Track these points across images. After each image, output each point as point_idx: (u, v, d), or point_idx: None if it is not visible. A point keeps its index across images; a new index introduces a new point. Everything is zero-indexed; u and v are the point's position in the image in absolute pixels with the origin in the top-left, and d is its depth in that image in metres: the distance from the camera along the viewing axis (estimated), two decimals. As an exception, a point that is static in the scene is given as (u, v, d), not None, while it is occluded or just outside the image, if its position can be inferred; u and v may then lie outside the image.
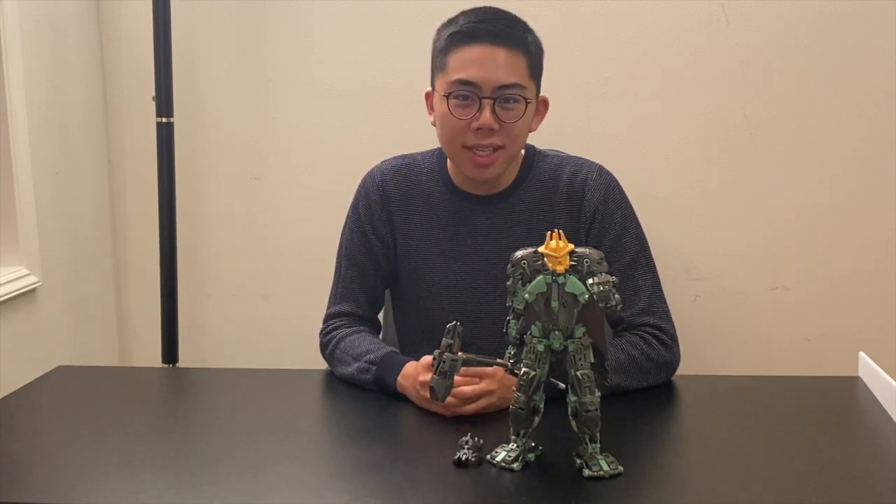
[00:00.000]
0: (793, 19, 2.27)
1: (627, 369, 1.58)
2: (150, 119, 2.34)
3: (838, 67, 2.28)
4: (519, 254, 1.26)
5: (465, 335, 1.33)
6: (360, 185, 1.82)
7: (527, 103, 1.63)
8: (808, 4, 2.26)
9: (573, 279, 1.22)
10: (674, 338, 1.67)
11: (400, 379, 1.56)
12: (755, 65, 2.30)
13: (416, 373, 1.53)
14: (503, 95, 1.61)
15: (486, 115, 1.60)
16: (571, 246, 1.23)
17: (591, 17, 2.33)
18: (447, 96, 1.63)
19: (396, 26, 2.39)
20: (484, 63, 1.61)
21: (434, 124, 1.69)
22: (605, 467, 1.24)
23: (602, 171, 1.74)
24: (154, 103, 2.31)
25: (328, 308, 1.80)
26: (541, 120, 1.73)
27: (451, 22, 1.67)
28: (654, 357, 1.62)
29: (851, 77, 2.28)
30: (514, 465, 1.27)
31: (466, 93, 1.61)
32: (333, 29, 2.42)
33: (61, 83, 2.37)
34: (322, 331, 1.77)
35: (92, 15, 2.48)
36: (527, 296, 1.24)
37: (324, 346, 1.75)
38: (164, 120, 2.31)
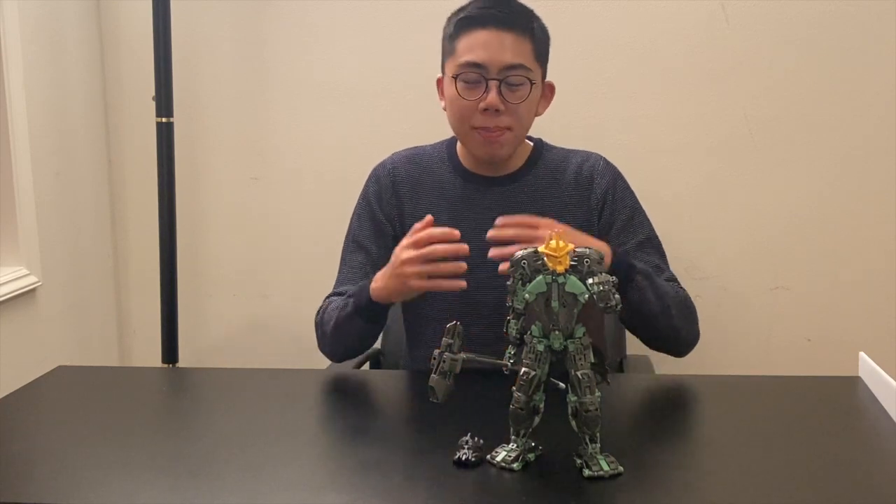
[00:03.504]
0: (793, 19, 2.27)
1: (667, 291, 1.67)
2: (150, 119, 2.34)
3: (838, 67, 2.28)
4: (519, 254, 1.26)
5: (470, 319, 1.33)
6: (370, 174, 1.86)
7: (532, 84, 1.68)
8: (808, 4, 2.26)
9: (573, 279, 1.22)
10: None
11: (372, 285, 1.61)
12: (755, 65, 2.30)
13: (389, 265, 1.58)
14: (509, 77, 1.66)
15: (493, 96, 1.66)
16: (571, 246, 1.23)
17: (591, 17, 2.33)
18: (455, 78, 1.68)
19: (397, 26, 2.39)
20: (491, 46, 1.66)
21: (445, 109, 1.74)
22: (605, 467, 1.24)
23: (607, 161, 1.82)
24: (154, 103, 2.32)
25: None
26: (547, 104, 1.79)
27: (459, 10, 1.73)
28: (690, 304, 1.74)
29: (851, 77, 2.28)
30: (514, 465, 1.27)
31: (474, 75, 1.67)
32: (333, 29, 2.42)
33: (61, 83, 2.37)
34: (316, 313, 1.79)
35: (92, 15, 2.48)
36: (527, 296, 1.24)
37: (316, 328, 1.77)
38: (163, 120, 2.31)
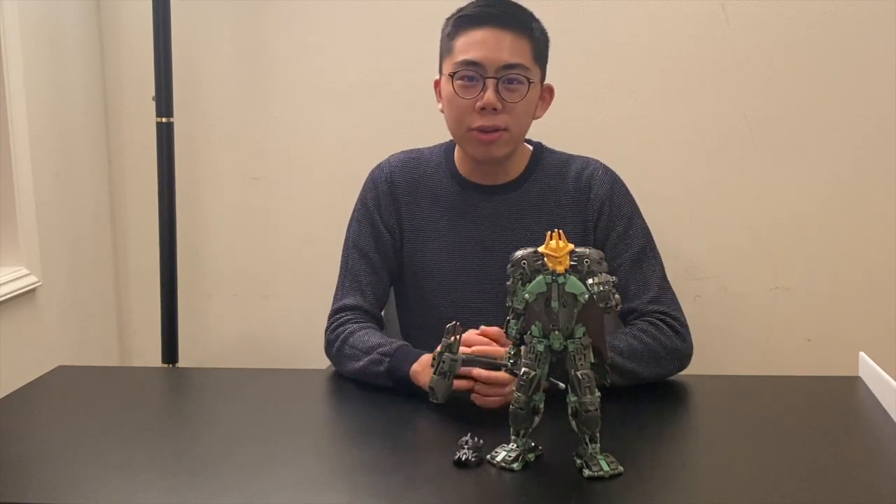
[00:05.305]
0: (793, 19, 2.27)
1: (641, 355, 1.59)
2: (150, 119, 2.34)
3: (838, 67, 2.28)
4: (519, 254, 1.26)
5: (469, 327, 1.32)
6: (367, 178, 1.83)
7: (530, 83, 1.67)
8: (808, 4, 2.26)
9: (573, 279, 1.22)
10: (685, 326, 1.68)
11: (415, 366, 1.54)
12: (755, 65, 2.30)
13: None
14: (507, 76, 1.65)
15: (490, 94, 1.64)
16: (571, 246, 1.23)
17: (591, 16, 2.33)
18: (452, 76, 1.67)
19: (396, 26, 2.39)
20: (488, 44, 1.65)
21: (443, 111, 1.73)
22: (605, 467, 1.24)
23: (606, 168, 1.79)
24: (154, 103, 2.31)
25: (334, 303, 1.77)
26: (546, 108, 1.77)
27: (458, 10, 1.72)
28: (667, 343, 1.63)
29: (851, 77, 2.28)
30: (514, 465, 1.27)
31: (471, 73, 1.66)
32: (333, 29, 2.42)
33: (61, 83, 2.37)
34: (328, 328, 1.74)
35: (92, 15, 2.48)
36: (527, 296, 1.24)
37: (330, 344, 1.72)
38: (164, 120, 2.31)
